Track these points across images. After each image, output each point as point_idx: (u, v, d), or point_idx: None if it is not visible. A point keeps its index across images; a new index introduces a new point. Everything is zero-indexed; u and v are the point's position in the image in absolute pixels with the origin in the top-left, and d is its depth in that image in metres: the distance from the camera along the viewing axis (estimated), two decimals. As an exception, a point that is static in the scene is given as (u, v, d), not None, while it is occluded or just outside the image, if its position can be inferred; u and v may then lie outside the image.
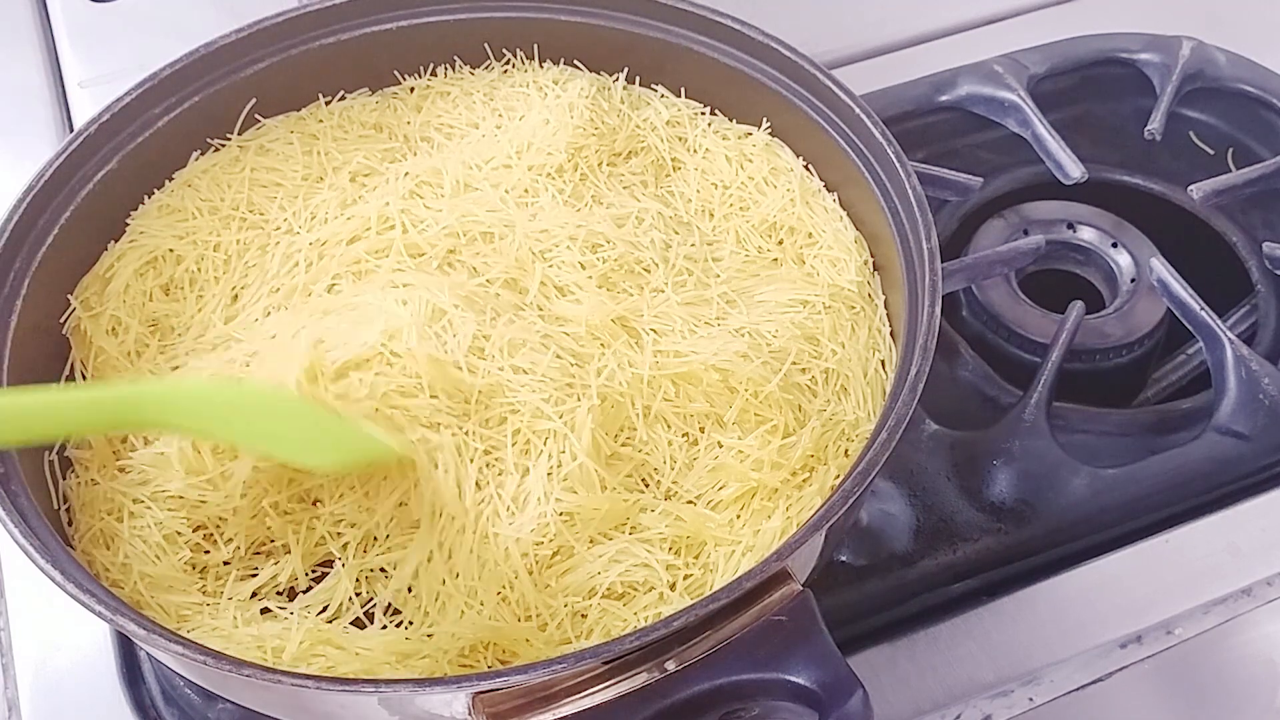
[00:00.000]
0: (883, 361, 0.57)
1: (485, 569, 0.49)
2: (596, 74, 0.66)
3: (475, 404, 0.52)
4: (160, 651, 0.44)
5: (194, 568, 0.51)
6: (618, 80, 0.66)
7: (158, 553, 0.50)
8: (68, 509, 0.52)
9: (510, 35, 0.66)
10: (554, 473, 0.50)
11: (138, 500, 0.51)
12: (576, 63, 0.67)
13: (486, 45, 0.67)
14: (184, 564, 0.50)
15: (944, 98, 0.78)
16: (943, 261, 0.52)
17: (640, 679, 0.42)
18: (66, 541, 0.50)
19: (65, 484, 0.53)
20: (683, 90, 0.66)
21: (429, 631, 0.48)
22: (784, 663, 0.43)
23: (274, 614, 0.50)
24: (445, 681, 0.42)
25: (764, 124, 0.65)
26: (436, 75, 0.67)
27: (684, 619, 0.42)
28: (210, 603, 0.50)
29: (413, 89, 0.67)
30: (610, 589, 0.49)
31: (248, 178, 0.62)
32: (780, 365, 0.53)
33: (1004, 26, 0.85)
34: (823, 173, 0.63)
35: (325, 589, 0.50)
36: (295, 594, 0.51)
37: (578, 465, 0.50)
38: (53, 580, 0.44)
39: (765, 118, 0.64)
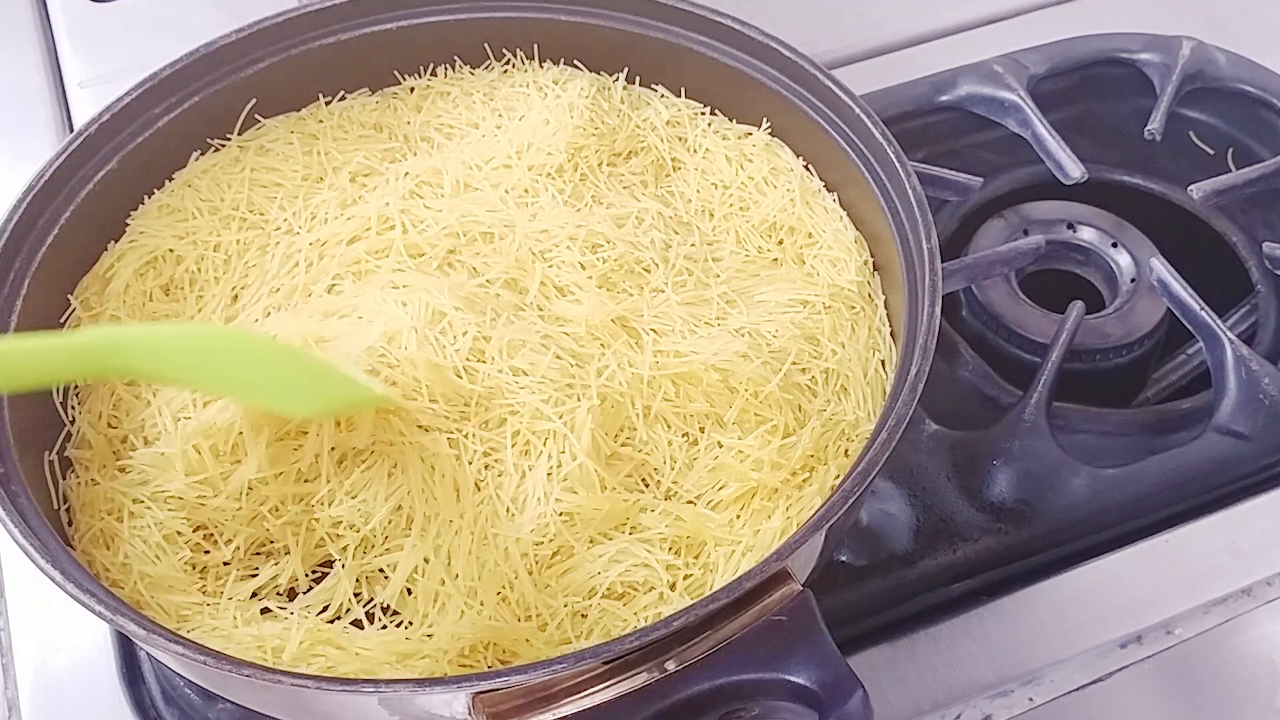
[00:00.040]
0: (883, 361, 0.57)
1: (485, 569, 0.49)
2: (596, 74, 0.66)
3: (475, 406, 0.52)
4: (160, 651, 0.44)
5: (194, 568, 0.51)
6: (618, 80, 0.66)
7: (158, 553, 0.50)
8: (68, 509, 0.52)
9: (510, 35, 0.66)
10: (554, 473, 0.50)
11: (138, 500, 0.51)
12: (576, 63, 0.67)
13: (486, 45, 0.67)
14: (184, 564, 0.50)
15: (944, 98, 0.78)
16: (943, 261, 0.52)
17: (640, 679, 0.42)
18: (66, 541, 0.50)
19: (65, 484, 0.53)
20: (683, 90, 0.66)
21: (429, 632, 0.48)
22: (784, 663, 0.43)
23: (274, 614, 0.50)
24: (445, 681, 0.42)
25: (764, 124, 0.64)
26: (436, 75, 0.67)
27: (684, 619, 0.42)
28: (210, 603, 0.50)
29: (413, 89, 0.67)
30: (610, 589, 0.49)
31: (248, 178, 0.62)
32: (780, 365, 0.53)
33: (1004, 26, 0.85)
34: (823, 173, 0.63)
35: (325, 590, 0.50)
36: (295, 594, 0.51)
37: (577, 465, 0.50)
38: (53, 580, 0.44)
39: (765, 118, 0.64)
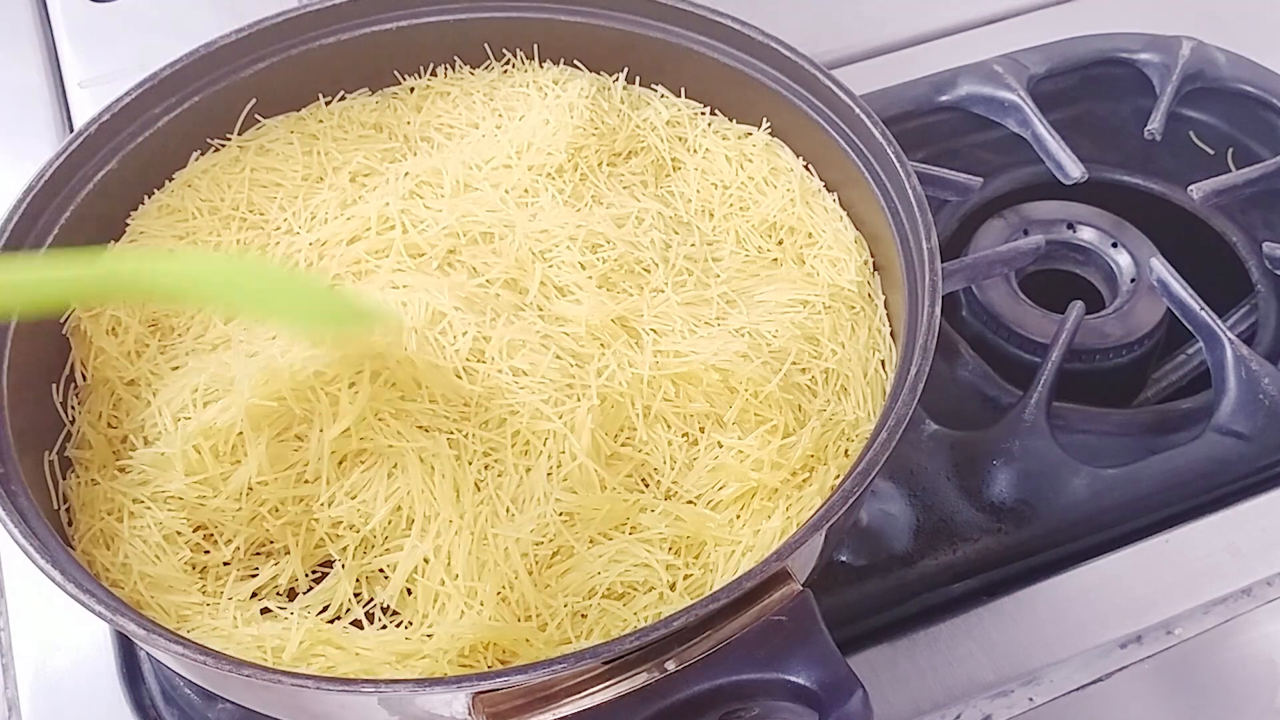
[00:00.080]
0: (883, 361, 0.57)
1: (485, 569, 0.49)
2: (596, 74, 0.66)
3: (475, 406, 0.52)
4: (160, 651, 0.44)
5: (194, 568, 0.51)
6: (618, 80, 0.66)
7: (158, 553, 0.50)
8: (68, 509, 0.52)
9: (510, 35, 0.66)
10: (554, 473, 0.50)
11: (138, 500, 0.51)
12: (576, 63, 0.67)
13: (486, 45, 0.67)
14: (184, 564, 0.50)
15: (944, 98, 0.78)
16: (943, 261, 0.52)
17: (640, 679, 0.42)
18: (66, 541, 0.50)
19: (65, 484, 0.53)
20: (683, 90, 0.66)
21: (429, 632, 0.48)
22: (784, 663, 0.43)
23: (274, 614, 0.50)
24: (445, 681, 0.42)
25: (764, 124, 0.64)
26: (436, 75, 0.67)
27: (684, 619, 0.42)
28: (210, 603, 0.50)
29: (413, 89, 0.67)
30: (610, 589, 0.49)
31: (248, 178, 0.62)
32: (780, 365, 0.53)
33: (1004, 26, 0.85)
34: (823, 173, 0.63)
35: (325, 590, 0.51)
36: (295, 594, 0.51)
37: (577, 465, 0.50)
38: (53, 580, 0.44)
39: (765, 118, 0.64)
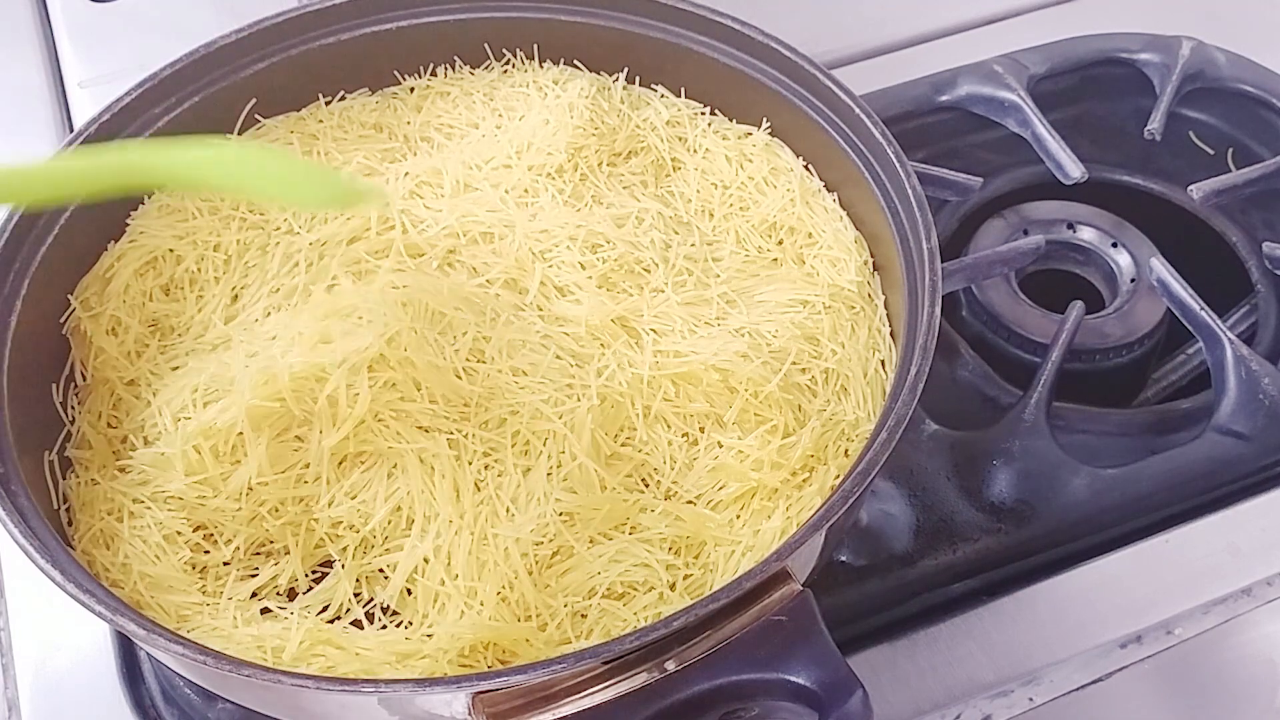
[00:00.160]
0: (883, 361, 0.57)
1: (485, 569, 0.49)
2: (596, 74, 0.66)
3: (475, 406, 0.52)
4: (160, 651, 0.44)
5: (194, 568, 0.51)
6: (618, 80, 0.66)
7: (158, 553, 0.50)
8: (68, 509, 0.52)
9: (510, 35, 0.66)
10: (554, 473, 0.50)
11: (138, 500, 0.51)
12: (576, 63, 0.67)
13: (486, 45, 0.67)
14: (184, 564, 0.50)
15: (944, 98, 0.78)
16: (943, 261, 0.52)
17: (640, 679, 0.42)
18: (66, 541, 0.50)
19: (65, 484, 0.53)
20: (683, 90, 0.66)
21: (429, 632, 0.48)
22: (784, 663, 0.43)
23: (274, 614, 0.50)
24: (445, 681, 0.42)
25: (764, 124, 0.64)
26: (436, 75, 0.67)
27: (684, 619, 0.42)
28: (210, 603, 0.50)
29: (413, 89, 0.67)
30: (610, 589, 0.49)
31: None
32: (780, 365, 0.53)
33: (1004, 26, 0.85)
34: (823, 173, 0.63)
35: (325, 590, 0.50)
36: (295, 594, 0.51)
37: (577, 465, 0.50)
38: (53, 580, 0.44)
39: (765, 118, 0.64)
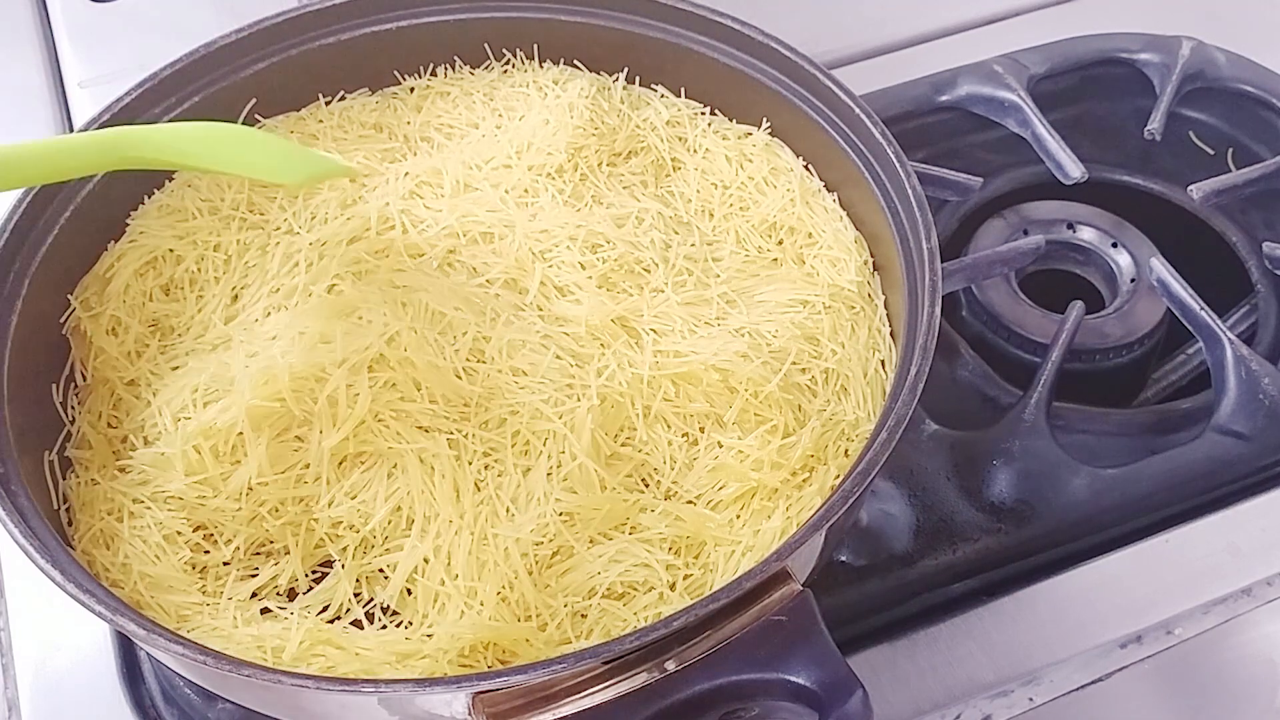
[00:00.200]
0: (883, 361, 0.57)
1: (485, 569, 0.49)
2: (596, 74, 0.66)
3: (475, 406, 0.52)
4: (160, 651, 0.44)
5: (194, 568, 0.51)
6: (618, 80, 0.66)
7: (158, 553, 0.50)
8: (68, 509, 0.52)
9: (510, 35, 0.66)
10: (554, 473, 0.50)
11: (138, 500, 0.51)
12: (576, 63, 0.67)
13: (486, 45, 0.67)
14: (184, 564, 0.50)
15: (944, 98, 0.78)
16: (943, 261, 0.52)
17: (640, 679, 0.42)
18: (66, 541, 0.50)
19: (65, 484, 0.53)
20: (683, 90, 0.66)
21: (429, 632, 0.48)
22: (784, 663, 0.43)
23: (274, 614, 0.50)
24: (445, 681, 0.42)
25: (764, 124, 0.64)
26: (436, 75, 0.67)
27: (684, 619, 0.42)
28: (210, 603, 0.50)
29: (413, 89, 0.67)
30: (610, 589, 0.49)
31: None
32: (780, 365, 0.53)
33: (1004, 26, 0.85)
34: (823, 173, 0.63)
35: (325, 590, 0.50)
36: (295, 595, 0.51)
37: (577, 465, 0.50)
38: (53, 580, 0.44)
39: (765, 118, 0.64)
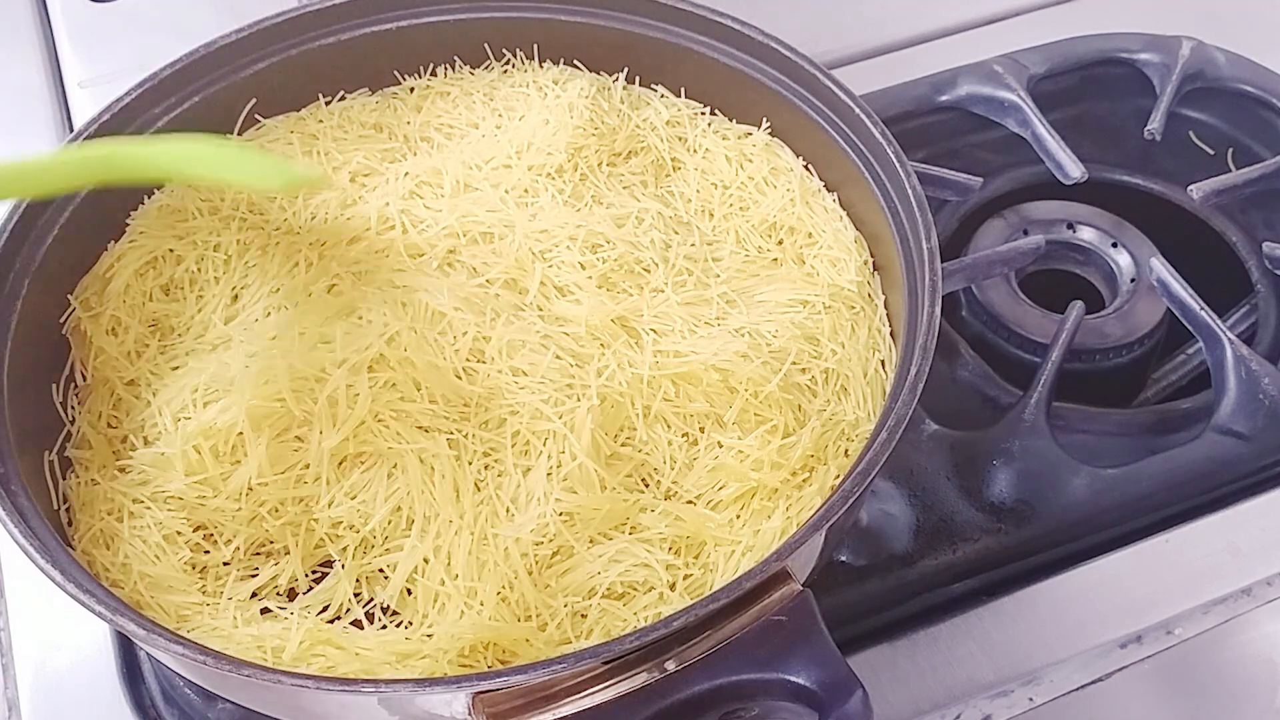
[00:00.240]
0: (883, 361, 0.57)
1: (485, 569, 0.49)
2: (596, 74, 0.66)
3: (475, 406, 0.52)
4: (160, 651, 0.44)
5: (194, 568, 0.51)
6: (618, 80, 0.66)
7: (158, 553, 0.50)
8: (68, 509, 0.52)
9: (510, 35, 0.66)
10: (554, 473, 0.50)
11: (138, 500, 0.51)
12: (576, 63, 0.67)
13: (486, 45, 0.67)
14: (184, 564, 0.50)
15: (944, 98, 0.78)
16: (943, 261, 0.52)
17: (640, 679, 0.42)
18: (66, 541, 0.50)
19: (65, 484, 0.53)
20: (683, 90, 0.66)
21: (429, 632, 0.48)
22: (784, 663, 0.43)
23: (274, 614, 0.50)
24: (445, 681, 0.42)
25: (764, 124, 0.64)
26: (436, 75, 0.67)
27: (684, 619, 0.42)
28: (210, 603, 0.50)
29: (413, 89, 0.67)
30: (610, 589, 0.49)
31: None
32: (780, 365, 0.53)
33: (1004, 26, 0.85)
34: (823, 173, 0.63)
35: (325, 590, 0.50)
36: (295, 595, 0.51)
37: (577, 465, 0.50)
38: (53, 580, 0.44)
39: (765, 118, 0.64)
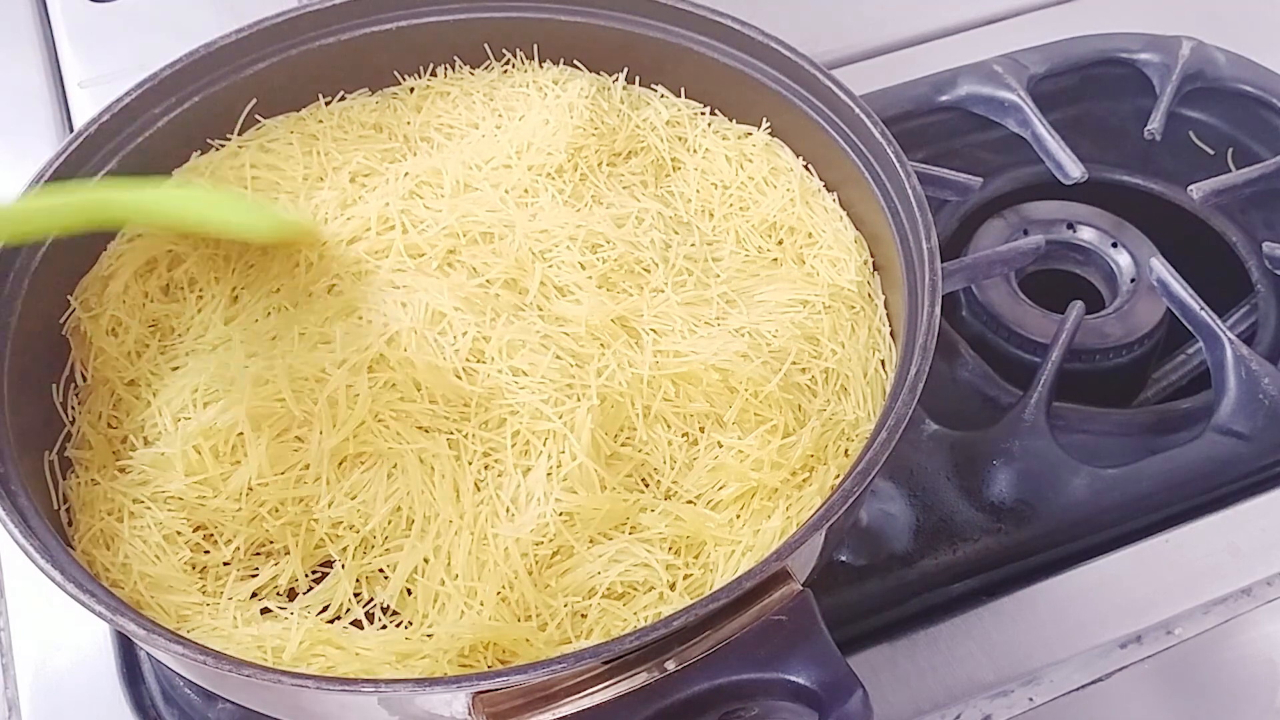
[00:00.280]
0: (883, 361, 0.57)
1: (485, 569, 0.49)
2: (596, 74, 0.66)
3: (475, 406, 0.52)
4: (160, 651, 0.44)
5: (194, 568, 0.51)
6: (618, 80, 0.66)
7: (158, 553, 0.50)
8: (68, 509, 0.52)
9: (510, 35, 0.66)
10: (554, 473, 0.50)
11: (138, 500, 0.51)
12: (576, 63, 0.67)
13: (486, 45, 0.67)
14: (184, 564, 0.50)
15: (944, 98, 0.78)
16: (943, 261, 0.52)
17: (640, 679, 0.42)
18: (66, 541, 0.50)
19: (65, 484, 0.53)
20: (683, 90, 0.66)
21: (429, 631, 0.48)
22: (784, 663, 0.43)
23: (274, 614, 0.50)
24: (445, 681, 0.42)
25: (764, 124, 0.64)
26: (436, 75, 0.67)
27: (684, 619, 0.42)
28: (210, 603, 0.50)
29: (413, 89, 0.67)
30: (610, 589, 0.49)
31: (247, 178, 0.62)
32: (780, 365, 0.53)
33: (1004, 26, 0.85)
34: (823, 173, 0.63)
35: (325, 590, 0.50)
36: (295, 595, 0.51)
37: (577, 465, 0.50)
38: (53, 580, 0.44)
39: (765, 118, 0.64)
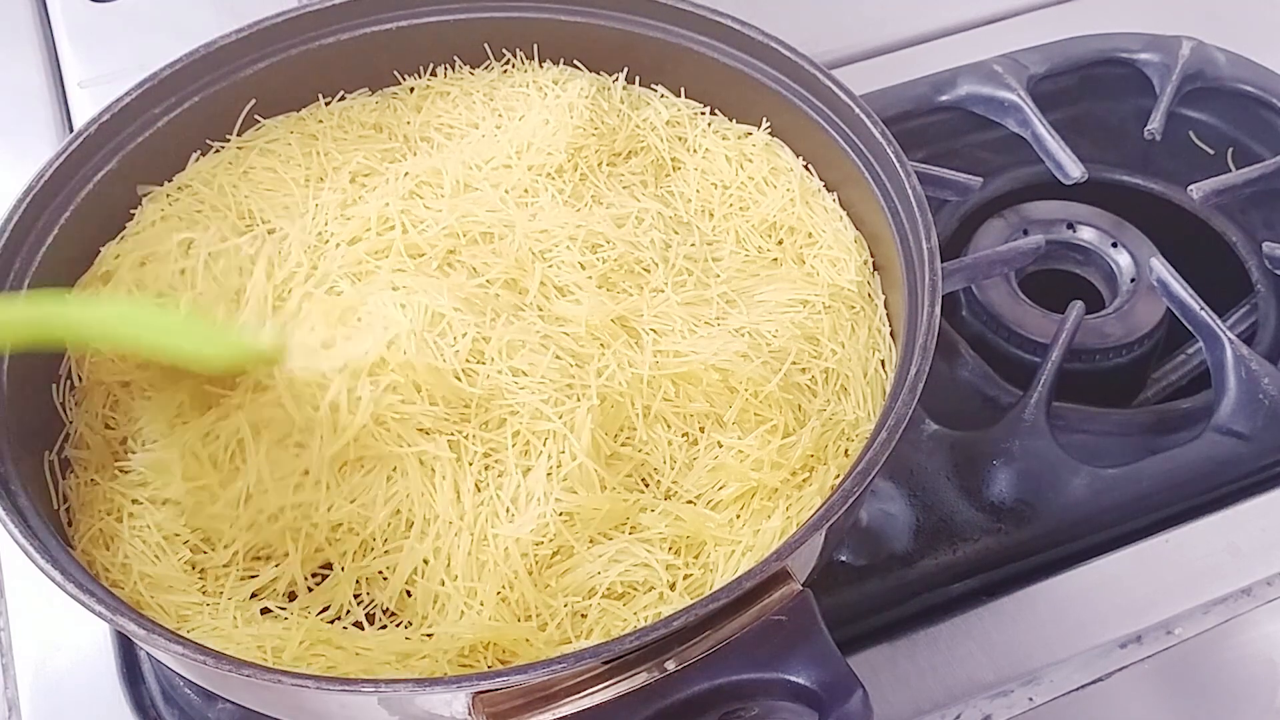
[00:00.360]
0: (883, 361, 0.57)
1: (485, 570, 0.49)
2: (596, 74, 0.66)
3: (475, 407, 0.52)
4: (160, 651, 0.44)
5: (194, 568, 0.51)
6: (618, 80, 0.66)
7: (157, 553, 0.50)
8: (68, 509, 0.52)
9: (510, 35, 0.66)
10: (554, 473, 0.50)
11: (137, 501, 0.51)
12: (576, 63, 0.67)
13: (486, 45, 0.67)
14: (184, 564, 0.50)
15: (944, 98, 0.78)
16: (943, 261, 0.52)
17: (640, 679, 0.42)
18: (66, 541, 0.50)
19: (65, 484, 0.53)
20: (683, 90, 0.66)
21: (429, 632, 0.48)
22: (784, 663, 0.43)
23: (274, 614, 0.50)
24: (445, 681, 0.42)
25: (764, 124, 0.64)
26: (436, 75, 0.67)
27: (684, 619, 0.42)
28: (210, 603, 0.50)
29: (413, 89, 0.67)
30: (610, 589, 0.49)
31: (247, 178, 0.62)
32: (780, 365, 0.53)
33: (1004, 26, 0.85)
34: (823, 173, 0.63)
35: (325, 591, 0.50)
36: (295, 597, 0.51)
37: (577, 465, 0.50)
38: (53, 580, 0.44)
39: (765, 118, 0.64)
